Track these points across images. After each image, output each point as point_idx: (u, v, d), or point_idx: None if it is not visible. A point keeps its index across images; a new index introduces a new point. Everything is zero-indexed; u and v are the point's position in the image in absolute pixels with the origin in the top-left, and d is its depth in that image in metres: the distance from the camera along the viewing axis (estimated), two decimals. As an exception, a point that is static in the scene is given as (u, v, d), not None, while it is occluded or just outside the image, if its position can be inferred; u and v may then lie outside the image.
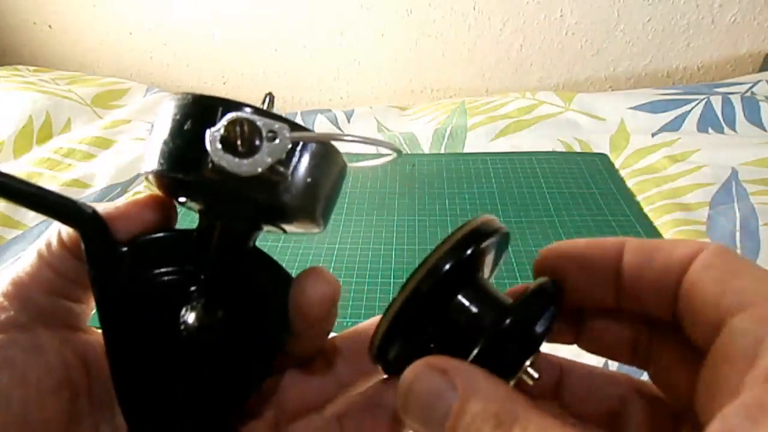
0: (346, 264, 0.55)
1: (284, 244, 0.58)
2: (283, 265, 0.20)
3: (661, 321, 0.17)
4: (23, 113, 0.79)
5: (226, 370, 0.19)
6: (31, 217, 0.62)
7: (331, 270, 0.53)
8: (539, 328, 0.16)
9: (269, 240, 0.59)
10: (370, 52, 1.07)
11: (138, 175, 0.72)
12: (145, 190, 0.68)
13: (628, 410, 0.19)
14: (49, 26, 1.15)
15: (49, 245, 0.19)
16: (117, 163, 0.73)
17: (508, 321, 0.16)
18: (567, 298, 0.18)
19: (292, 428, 0.20)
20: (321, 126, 0.88)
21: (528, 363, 0.16)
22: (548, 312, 0.16)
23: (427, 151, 0.79)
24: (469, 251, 0.16)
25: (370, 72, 1.10)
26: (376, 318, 0.22)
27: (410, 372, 0.15)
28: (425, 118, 0.88)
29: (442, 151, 0.79)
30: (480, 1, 0.98)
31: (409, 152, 0.79)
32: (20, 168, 0.70)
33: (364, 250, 0.57)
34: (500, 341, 0.16)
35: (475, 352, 0.16)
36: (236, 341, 0.19)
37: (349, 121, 0.89)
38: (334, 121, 0.89)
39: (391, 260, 0.55)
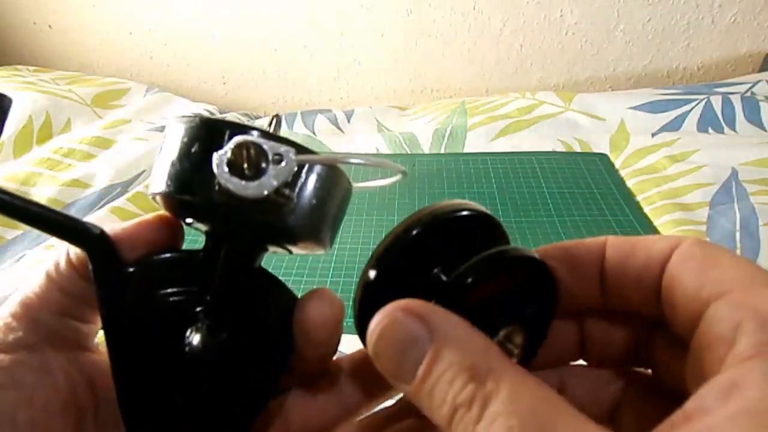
0: (346, 264, 0.55)
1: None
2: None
3: (652, 319, 0.17)
4: (23, 113, 0.79)
5: (231, 390, 0.19)
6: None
7: (331, 270, 0.54)
8: (514, 254, 0.17)
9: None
10: (370, 52, 1.07)
11: (138, 175, 0.72)
12: (144, 190, 0.68)
13: (627, 402, 0.19)
14: (49, 26, 1.14)
15: (57, 266, 0.19)
16: (117, 163, 0.73)
17: (475, 259, 0.16)
18: (559, 301, 0.18)
19: None
20: (321, 125, 0.88)
21: (509, 330, 0.17)
22: (533, 263, 0.17)
23: (427, 151, 0.79)
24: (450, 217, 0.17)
25: (370, 72, 1.10)
26: None
27: (384, 314, 0.14)
28: (425, 118, 0.88)
29: (442, 151, 0.79)
30: (480, 1, 0.98)
31: (409, 152, 0.79)
32: (20, 168, 0.70)
33: (364, 250, 0.57)
34: (468, 273, 0.16)
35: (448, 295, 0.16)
36: (240, 361, 0.19)
37: (349, 121, 0.89)
38: (334, 121, 0.89)
39: (391, 260, 0.55)
